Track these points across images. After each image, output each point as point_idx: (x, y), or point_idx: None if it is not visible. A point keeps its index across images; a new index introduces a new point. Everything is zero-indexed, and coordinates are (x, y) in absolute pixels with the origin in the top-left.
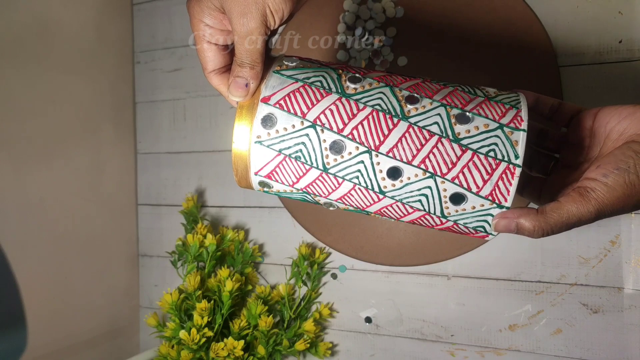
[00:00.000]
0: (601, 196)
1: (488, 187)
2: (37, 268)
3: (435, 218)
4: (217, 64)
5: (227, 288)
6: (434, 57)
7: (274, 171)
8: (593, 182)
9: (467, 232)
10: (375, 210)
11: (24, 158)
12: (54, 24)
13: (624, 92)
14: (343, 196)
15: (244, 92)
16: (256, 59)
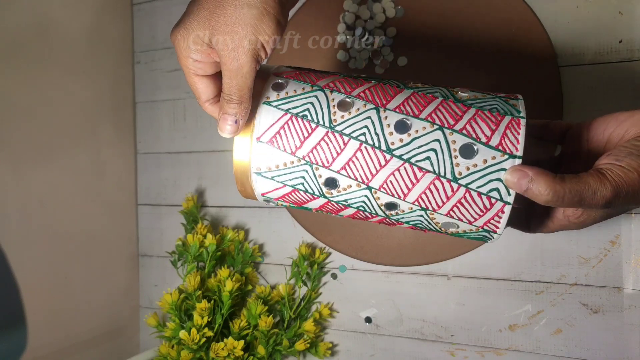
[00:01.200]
0: (617, 175)
1: (497, 137)
2: (37, 268)
3: (445, 183)
4: (210, 94)
5: (227, 288)
6: (434, 57)
7: (277, 134)
8: (607, 164)
9: (480, 206)
10: (382, 181)
11: (24, 158)
12: (54, 24)
13: (624, 92)
14: (348, 161)
15: (233, 129)
16: (244, 94)
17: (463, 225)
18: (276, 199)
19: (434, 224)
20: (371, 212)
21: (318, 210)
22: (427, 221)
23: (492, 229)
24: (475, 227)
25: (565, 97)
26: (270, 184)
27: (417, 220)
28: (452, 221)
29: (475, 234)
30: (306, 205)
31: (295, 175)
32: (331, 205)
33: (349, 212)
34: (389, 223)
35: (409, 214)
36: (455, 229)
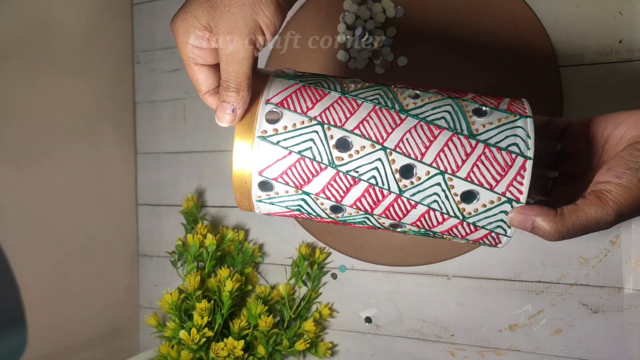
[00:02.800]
0: (618, 197)
1: (504, 104)
2: (37, 268)
3: (463, 140)
4: (211, 85)
5: (227, 288)
6: (434, 57)
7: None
8: (607, 184)
9: (501, 163)
10: (397, 140)
11: (24, 158)
12: (53, 24)
13: (624, 92)
14: (362, 121)
15: (231, 117)
16: (241, 82)
17: (484, 194)
18: (276, 177)
19: (452, 197)
20: (383, 185)
21: (320, 194)
22: (445, 193)
23: (515, 195)
24: (497, 197)
25: (565, 97)
26: (275, 152)
27: (434, 195)
28: (473, 188)
29: (495, 218)
30: (310, 183)
31: (305, 138)
32: (339, 180)
33: (358, 192)
34: (397, 217)
35: (427, 181)
36: (474, 205)
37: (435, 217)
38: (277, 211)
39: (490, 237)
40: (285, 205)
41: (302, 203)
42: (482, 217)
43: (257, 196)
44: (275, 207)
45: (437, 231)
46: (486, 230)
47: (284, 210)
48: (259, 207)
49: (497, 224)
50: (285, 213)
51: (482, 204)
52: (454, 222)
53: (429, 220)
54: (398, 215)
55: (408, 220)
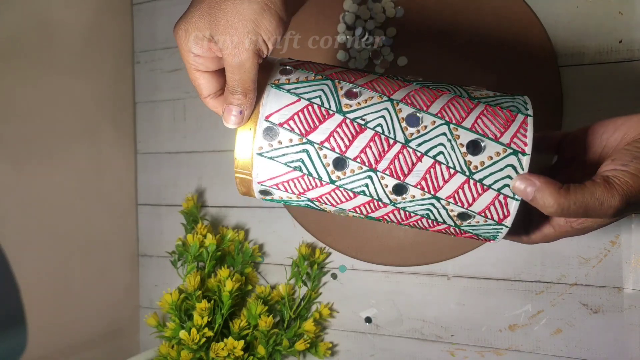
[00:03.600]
0: (625, 182)
1: None
2: (37, 268)
3: (465, 100)
4: (212, 89)
5: (227, 288)
6: (434, 57)
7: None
8: (614, 171)
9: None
10: (403, 95)
11: (24, 158)
12: (53, 24)
13: (624, 92)
14: (369, 82)
15: (238, 119)
16: (248, 86)
17: (490, 145)
18: (282, 123)
19: (458, 148)
20: (389, 133)
21: (324, 143)
22: (451, 144)
23: (521, 146)
24: (503, 148)
25: (565, 97)
26: (284, 98)
27: (440, 145)
28: (478, 138)
29: (502, 174)
30: (316, 130)
31: (315, 88)
32: (346, 128)
33: (364, 141)
34: (403, 173)
35: (433, 130)
36: (481, 158)
37: (442, 173)
38: (275, 173)
39: (498, 202)
40: (286, 161)
41: (304, 157)
42: (489, 173)
43: (259, 147)
44: (274, 166)
45: (442, 197)
46: (494, 193)
47: (282, 171)
48: (259, 167)
49: (504, 182)
50: (283, 177)
51: (488, 155)
52: (460, 180)
53: (434, 178)
54: (403, 171)
55: (413, 179)
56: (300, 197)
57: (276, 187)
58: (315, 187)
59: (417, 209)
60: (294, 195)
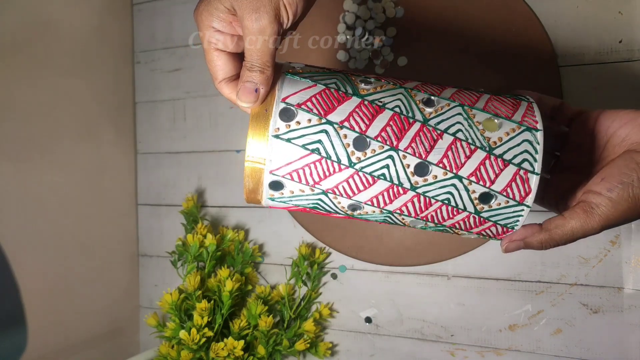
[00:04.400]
0: (606, 212)
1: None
2: (37, 268)
3: (474, 92)
4: (228, 72)
5: (227, 288)
6: (434, 57)
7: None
8: (598, 197)
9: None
10: (414, 84)
11: (24, 158)
12: (54, 24)
13: (624, 92)
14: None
15: (254, 97)
16: (267, 61)
17: (505, 123)
18: (299, 105)
19: (475, 126)
20: (408, 113)
21: (344, 123)
22: (467, 122)
23: (532, 124)
24: (517, 125)
25: (565, 97)
26: (302, 83)
27: (457, 124)
28: (492, 116)
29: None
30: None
31: (330, 76)
32: (365, 108)
33: (384, 121)
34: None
35: (449, 110)
36: (498, 134)
37: (463, 150)
38: (291, 158)
39: (519, 178)
40: (304, 143)
41: (323, 138)
42: (508, 148)
43: (276, 129)
44: (291, 150)
45: (464, 175)
46: (514, 168)
47: (299, 154)
48: (274, 151)
49: (523, 157)
50: (299, 163)
51: (505, 132)
52: (481, 155)
53: (456, 155)
54: (425, 149)
55: (435, 156)
56: (315, 189)
57: (289, 177)
58: (333, 172)
59: (438, 192)
60: (307, 186)
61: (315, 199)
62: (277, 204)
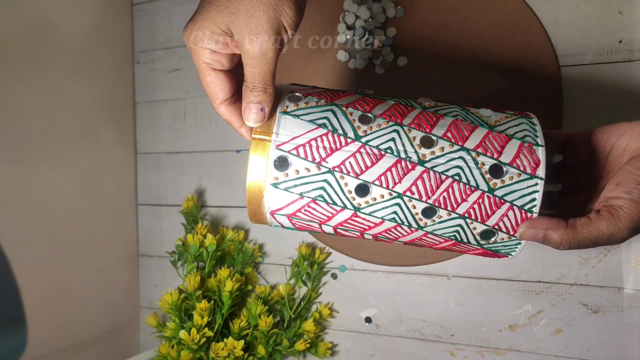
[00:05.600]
0: (631, 212)
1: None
2: (37, 268)
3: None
4: (227, 92)
5: (227, 288)
6: (434, 57)
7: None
8: (619, 200)
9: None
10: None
11: (23, 158)
12: (53, 24)
13: (624, 92)
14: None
15: (260, 116)
16: (268, 81)
17: (498, 113)
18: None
19: (474, 114)
20: (409, 103)
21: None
22: (465, 111)
23: (526, 114)
24: (512, 114)
25: (565, 97)
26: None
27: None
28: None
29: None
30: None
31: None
32: (367, 99)
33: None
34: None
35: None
36: (499, 115)
37: (464, 126)
38: (297, 133)
39: (525, 148)
40: (311, 119)
41: (330, 115)
42: (507, 127)
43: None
44: (297, 123)
45: (470, 147)
46: (518, 140)
47: (305, 129)
48: (280, 121)
49: (524, 134)
50: (304, 137)
51: (505, 115)
52: (483, 131)
53: (459, 129)
54: (429, 123)
55: (440, 129)
56: (321, 167)
57: (295, 153)
58: (339, 147)
59: (447, 167)
60: (313, 164)
61: (321, 180)
62: (281, 192)
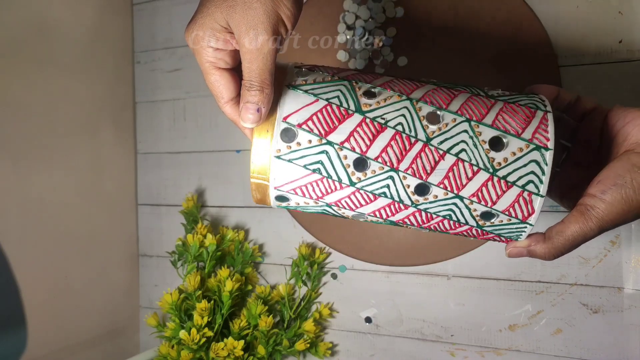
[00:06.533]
0: (601, 213)
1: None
2: (37, 268)
3: (484, 98)
4: (233, 91)
5: (227, 288)
6: (434, 57)
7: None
8: (593, 199)
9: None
10: (422, 94)
11: (24, 158)
12: (53, 24)
13: (624, 92)
14: (385, 83)
15: (256, 117)
16: (265, 79)
17: (512, 141)
18: (301, 124)
19: (480, 145)
20: (410, 131)
21: (344, 143)
22: (473, 140)
23: (543, 142)
24: (525, 144)
25: None
26: (302, 99)
27: (462, 143)
28: (500, 134)
29: (526, 170)
30: (336, 130)
31: (333, 88)
32: (366, 127)
33: (385, 141)
34: (425, 172)
35: (454, 128)
36: (504, 154)
37: (465, 171)
38: (293, 177)
39: (522, 199)
40: (305, 164)
41: (323, 158)
42: (513, 169)
43: (277, 150)
44: (292, 169)
45: (465, 196)
46: (518, 189)
47: (301, 174)
48: (277, 171)
49: (528, 179)
50: (302, 181)
51: (511, 151)
52: (483, 177)
53: (457, 176)
54: (425, 170)
55: (435, 177)
56: (318, 202)
57: (294, 192)
58: (334, 190)
59: (439, 209)
60: (311, 200)
61: (321, 209)
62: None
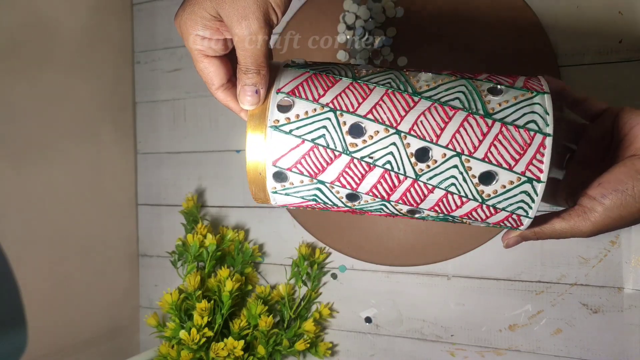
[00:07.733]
0: (597, 217)
1: (520, 81)
2: (37, 268)
3: (479, 119)
4: (223, 78)
5: (227, 288)
6: (434, 57)
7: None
8: (592, 201)
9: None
10: (411, 123)
11: (24, 158)
12: (53, 24)
13: (624, 92)
14: (374, 106)
15: (255, 99)
16: (261, 62)
17: (503, 175)
18: (290, 167)
19: (470, 180)
20: (399, 169)
21: (335, 182)
22: (462, 176)
23: (535, 174)
24: (517, 177)
25: None
26: (288, 141)
27: (451, 177)
28: (491, 169)
29: (516, 199)
30: (325, 171)
31: (317, 126)
32: (354, 167)
33: (374, 179)
34: (415, 202)
35: (443, 164)
36: (494, 187)
37: (454, 201)
38: (293, 202)
39: (511, 219)
40: (301, 196)
41: (317, 193)
42: (502, 199)
43: (272, 187)
44: (291, 198)
45: (456, 215)
46: (507, 212)
47: (300, 200)
48: (275, 199)
49: (517, 206)
50: (302, 203)
51: (502, 185)
52: (473, 205)
53: (447, 204)
54: (415, 201)
55: (426, 205)
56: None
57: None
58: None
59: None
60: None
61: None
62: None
